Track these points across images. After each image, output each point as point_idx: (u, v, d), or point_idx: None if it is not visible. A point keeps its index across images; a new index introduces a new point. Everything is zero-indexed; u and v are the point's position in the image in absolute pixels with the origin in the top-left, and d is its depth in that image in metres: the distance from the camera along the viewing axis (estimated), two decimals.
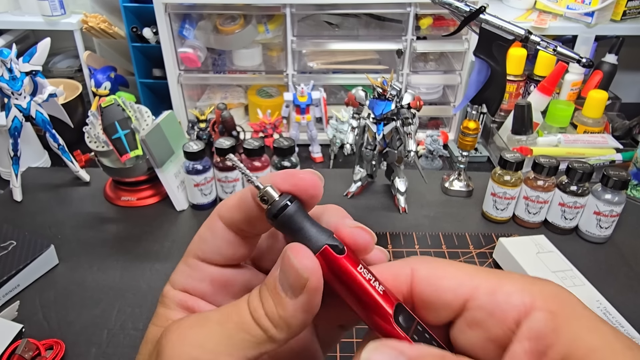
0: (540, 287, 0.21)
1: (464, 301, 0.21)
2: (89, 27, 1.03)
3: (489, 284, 0.21)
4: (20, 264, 0.57)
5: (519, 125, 0.89)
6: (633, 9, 1.02)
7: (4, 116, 0.70)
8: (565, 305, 0.20)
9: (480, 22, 0.61)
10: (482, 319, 0.21)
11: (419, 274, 0.23)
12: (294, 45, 0.93)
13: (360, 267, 0.22)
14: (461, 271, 0.22)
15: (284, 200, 0.21)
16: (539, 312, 0.20)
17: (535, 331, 0.20)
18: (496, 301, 0.21)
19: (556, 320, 0.20)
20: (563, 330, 0.19)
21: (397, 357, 0.20)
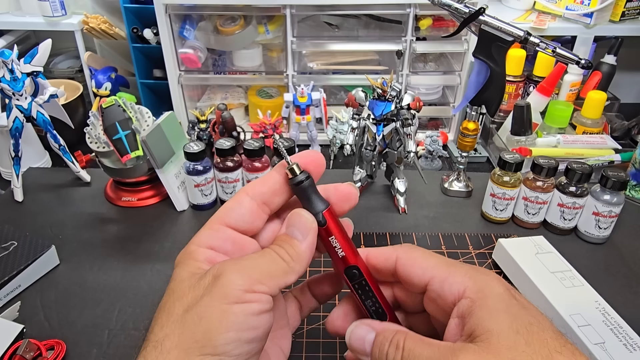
0: (475, 279, 0.30)
1: (425, 284, 0.32)
2: (89, 28, 1.03)
3: (442, 275, 0.31)
4: (21, 265, 0.57)
5: (518, 126, 0.89)
6: (632, 9, 1.03)
7: (5, 117, 0.70)
8: (485, 295, 0.29)
9: (479, 23, 0.62)
10: (434, 298, 0.31)
11: (400, 260, 0.33)
12: (294, 46, 0.94)
13: (331, 237, 0.33)
14: (428, 262, 0.32)
15: (303, 176, 0.32)
16: (464, 299, 0.29)
17: (460, 312, 0.29)
18: (442, 288, 0.31)
19: (472, 306, 0.29)
20: (474, 313, 0.28)
21: (369, 330, 0.32)
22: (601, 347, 0.45)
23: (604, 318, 0.49)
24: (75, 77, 1.14)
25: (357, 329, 0.33)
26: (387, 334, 0.31)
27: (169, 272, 0.60)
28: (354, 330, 0.33)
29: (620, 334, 0.47)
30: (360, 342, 0.32)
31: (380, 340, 0.31)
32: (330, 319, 0.36)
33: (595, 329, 0.47)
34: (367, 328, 0.32)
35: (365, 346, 0.32)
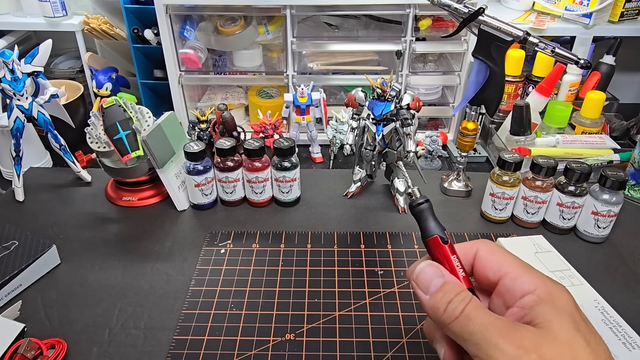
0: (546, 284, 0.32)
1: (498, 278, 0.34)
2: (90, 29, 1.03)
3: (516, 272, 0.33)
4: (23, 264, 0.57)
5: (518, 126, 0.89)
6: (631, 10, 1.03)
7: (6, 117, 0.70)
8: (553, 297, 0.31)
9: (479, 23, 0.62)
10: (503, 293, 0.33)
11: (479, 254, 0.36)
12: (294, 46, 0.94)
13: (454, 256, 0.35)
14: (505, 258, 0.34)
15: (422, 199, 0.36)
16: (531, 294, 0.31)
17: (523, 303, 0.31)
18: (513, 284, 0.33)
19: (537, 301, 0.31)
20: (538, 307, 0.30)
21: (439, 274, 0.34)
22: None
23: (603, 317, 0.49)
24: (76, 78, 1.14)
25: (428, 268, 0.34)
26: (457, 286, 0.32)
27: (169, 271, 0.61)
28: (425, 267, 0.34)
29: (619, 332, 0.47)
30: (426, 280, 0.33)
31: (449, 287, 0.32)
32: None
33: (595, 327, 0.47)
34: (438, 272, 0.34)
35: (431, 286, 0.33)
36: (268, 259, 0.63)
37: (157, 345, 0.50)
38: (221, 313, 0.54)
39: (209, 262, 0.62)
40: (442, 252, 0.35)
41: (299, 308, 0.55)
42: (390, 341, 0.51)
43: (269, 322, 0.53)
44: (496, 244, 0.36)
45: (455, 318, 0.30)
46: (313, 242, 0.66)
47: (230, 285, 0.58)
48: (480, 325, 0.29)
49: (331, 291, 0.57)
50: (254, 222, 0.70)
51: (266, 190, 0.72)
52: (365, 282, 0.59)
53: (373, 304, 0.55)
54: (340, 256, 0.63)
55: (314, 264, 0.62)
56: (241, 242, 0.66)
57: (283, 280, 0.59)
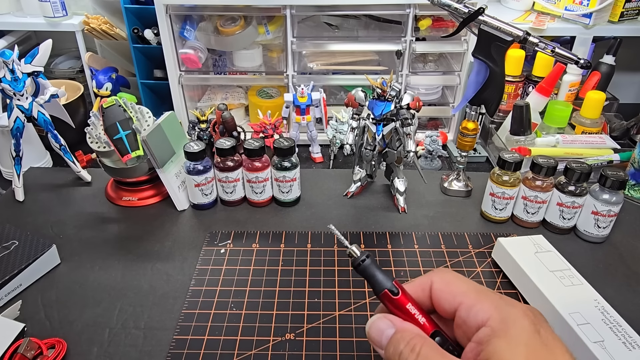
0: (500, 310, 0.31)
1: (454, 310, 0.33)
2: (90, 29, 1.03)
3: (469, 302, 0.32)
4: (22, 264, 0.57)
5: (518, 126, 0.89)
6: (631, 10, 1.03)
7: (6, 117, 0.70)
8: (507, 326, 0.30)
9: (479, 23, 0.62)
10: (460, 324, 0.33)
11: (433, 286, 0.35)
12: (294, 46, 0.94)
13: (408, 304, 0.34)
14: (459, 287, 0.33)
15: (362, 256, 0.36)
16: (485, 327, 0.31)
17: (478, 338, 0.31)
18: (468, 315, 0.32)
19: (491, 335, 0.30)
20: (492, 342, 0.29)
21: (389, 325, 0.33)
22: (600, 345, 0.45)
23: (603, 317, 0.49)
24: (76, 78, 1.14)
25: (378, 321, 0.34)
26: (406, 334, 0.32)
27: (169, 271, 0.61)
28: (375, 321, 0.34)
29: (619, 332, 0.47)
30: (378, 334, 0.33)
31: (397, 338, 0.32)
32: None
33: (595, 327, 0.47)
34: (388, 323, 0.33)
35: (382, 339, 0.33)
36: (268, 259, 0.63)
37: (157, 345, 0.50)
38: (221, 313, 0.54)
39: (209, 262, 0.62)
40: (395, 303, 0.34)
41: (299, 308, 0.55)
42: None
43: (269, 322, 0.53)
44: (451, 272, 0.35)
45: None
46: (313, 242, 0.66)
47: (230, 285, 0.58)
48: None
49: (331, 291, 0.57)
50: (254, 222, 0.70)
51: (266, 190, 0.72)
52: (365, 282, 0.59)
53: (373, 303, 0.55)
54: (340, 256, 0.63)
55: (314, 264, 0.62)
56: (241, 242, 0.66)
57: (283, 280, 0.59)
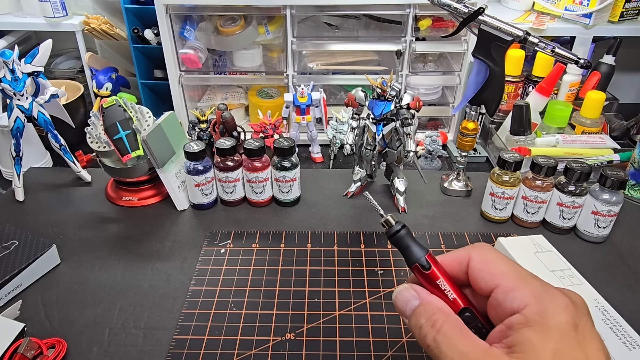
0: (540, 300, 0.29)
1: (490, 290, 0.32)
2: (90, 29, 1.03)
3: (508, 286, 0.31)
4: (23, 264, 0.57)
5: (518, 126, 0.89)
6: (631, 10, 1.03)
7: (6, 117, 0.70)
8: (543, 320, 0.29)
9: (479, 23, 0.62)
10: (495, 306, 0.31)
11: (471, 264, 0.34)
12: (294, 47, 0.94)
13: (439, 280, 0.33)
14: (498, 269, 0.32)
15: (398, 226, 0.35)
16: (520, 315, 0.29)
17: (510, 323, 0.30)
18: (504, 299, 0.31)
19: (523, 324, 0.29)
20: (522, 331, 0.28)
21: (415, 296, 0.33)
22: None
23: (603, 316, 0.49)
24: (76, 78, 1.14)
25: (405, 291, 0.34)
26: (429, 307, 0.31)
27: (169, 271, 0.61)
28: (402, 290, 0.34)
29: (619, 332, 0.47)
30: (403, 304, 0.33)
31: (419, 310, 0.31)
32: None
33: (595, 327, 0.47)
34: (414, 294, 0.33)
35: (407, 310, 0.32)
36: (268, 259, 0.63)
37: (157, 345, 0.50)
38: (221, 313, 0.54)
39: (209, 261, 0.62)
40: (426, 277, 0.34)
41: (299, 308, 0.55)
42: (390, 341, 0.51)
43: (269, 322, 0.53)
44: (491, 249, 0.34)
45: (428, 346, 0.30)
46: (313, 242, 0.66)
47: (230, 285, 0.58)
48: (452, 354, 0.28)
49: (331, 291, 0.57)
50: (254, 222, 0.70)
51: (266, 190, 0.72)
52: (365, 281, 0.59)
53: (373, 303, 0.55)
54: (340, 256, 0.63)
55: (314, 264, 0.62)
56: (241, 242, 0.66)
57: (283, 280, 0.59)
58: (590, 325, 0.30)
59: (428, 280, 0.34)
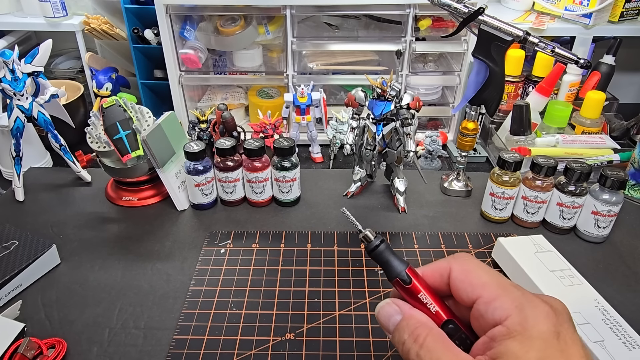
0: (521, 310, 0.29)
1: (472, 301, 0.32)
2: (90, 29, 1.03)
3: (489, 296, 0.31)
4: (22, 264, 0.57)
5: (518, 126, 0.89)
6: (630, 10, 1.03)
7: (6, 117, 0.70)
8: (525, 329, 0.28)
9: (478, 23, 0.62)
10: (477, 317, 0.31)
11: (452, 275, 0.33)
12: (294, 47, 0.94)
13: (421, 293, 0.33)
14: (479, 279, 0.32)
15: (377, 241, 0.35)
16: (502, 326, 0.29)
17: (493, 335, 0.29)
18: (486, 310, 0.30)
19: (506, 335, 0.29)
20: (505, 343, 0.28)
21: (397, 311, 0.33)
22: (600, 345, 0.45)
23: (603, 316, 0.49)
24: (76, 78, 1.14)
25: (387, 306, 0.33)
26: (411, 322, 0.31)
27: (169, 271, 0.61)
28: (384, 306, 0.34)
29: (619, 332, 0.47)
30: (386, 319, 0.33)
31: (402, 325, 0.31)
32: None
33: (595, 327, 0.47)
34: (396, 308, 0.33)
35: (390, 325, 0.32)
36: (268, 259, 0.63)
37: (157, 345, 0.50)
38: (221, 313, 0.54)
39: (209, 262, 0.62)
40: (407, 291, 0.34)
41: (299, 308, 0.55)
42: (390, 341, 0.51)
43: (269, 322, 0.53)
44: (471, 259, 0.34)
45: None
46: (313, 242, 0.66)
47: (230, 285, 0.58)
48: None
49: (331, 291, 0.57)
50: (254, 222, 0.70)
51: (266, 190, 0.72)
52: (365, 282, 0.59)
53: (373, 303, 0.55)
54: (340, 256, 0.63)
55: (314, 264, 0.62)
56: (241, 242, 0.66)
57: (283, 280, 0.59)
58: (572, 331, 0.29)
59: (410, 294, 0.34)
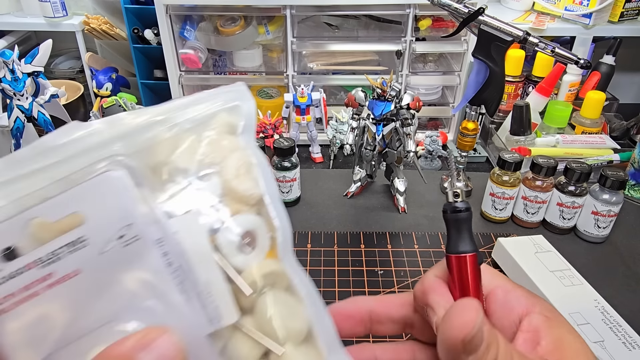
0: (540, 300, 0.27)
1: (487, 293, 0.28)
2: (90, 29, 1.03)
3: (506, 287, 0.27)
4: None
5: (518, 126, 0.89)
6: (630, 10, 1.03)
7: (6, 117, 0.70)
8: (556, 315, 0.26)
9: (479, 23, 0.62)
10: (496, 309, 0.27)
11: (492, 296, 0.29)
12: (294, 47, 0.94)
13: (472, 283, 0.28)
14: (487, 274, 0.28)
15: (465, 205, 0.29)
16: (537, 314, 0.26)
17: (532, 326, 0.26)
18: (508, 298, 0.27)
19: (549, 322, 0.26)
20: (554, 330, 0.25)
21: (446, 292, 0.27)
22: (600, 345, 0.45)
23: (603, 317, 0.49)
24: (76, 78, 1.14)
25: (439, 286, 0.28)
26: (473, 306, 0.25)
27: None
28: (434, 284, 0.28)
29: (619, 332, 0.47)
30: (437, 301, 0.27)
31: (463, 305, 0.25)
32: None
33: (595, 327, 0.47)
34: (446, 291, 0.28)
35: (439, 309, 0.27)
36: None
37: None
38: None
39: None
40: (472, 273, 0.28)
41: None
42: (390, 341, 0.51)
43: None
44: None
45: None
46: (313, 242, 0.66)
47: None
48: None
49: (331, 291, 0.57)
50: None
51: None
52: (365, 282, 0.59)
53: None
54: (340, 256, 0.63)
55: (314, 264, 0.62)
56: None
57: None
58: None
59: (472, 276, 0.28)
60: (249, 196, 0.23)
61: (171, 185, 0.22)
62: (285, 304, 0.23)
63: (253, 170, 0.24)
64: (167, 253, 0.21)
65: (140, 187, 0.21)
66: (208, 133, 0.24)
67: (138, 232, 0.20)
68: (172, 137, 0.23)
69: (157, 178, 0.22)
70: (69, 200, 0.20)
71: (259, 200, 0.23)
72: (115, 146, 0.21)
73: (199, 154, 0.23)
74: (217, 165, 0.23)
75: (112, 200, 0.20)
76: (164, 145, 0.23)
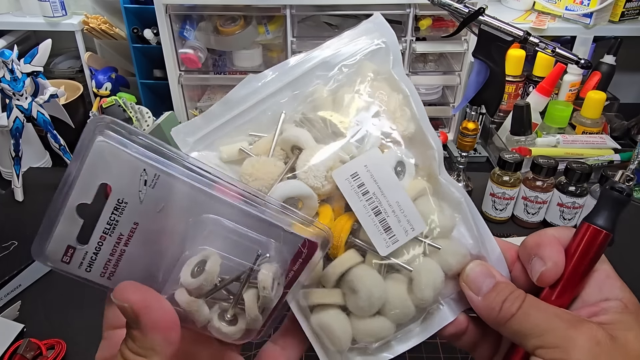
0: (630, 295, 0.29)
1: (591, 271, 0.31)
2: (90, 28, 1.03)
3: (608, 272, 0.31)
4: (22, 264, 0.57)
5: (518, 126, 0.89)
6: (631, 10, 1.03)
7: (5, 117, 0.70)
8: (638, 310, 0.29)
9: (479, 23, 0.62)
10: (590, 286, 0.31)
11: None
12: (294, 46, 0.94)
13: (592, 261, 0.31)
14: None
15: (629, 191, 0.31)
16: (618, 301, 0.29)
17: (607, 306, 0.29)
18: (605, 282, 0.30)
19: (622, 308, 0.28)
20: (625, 316, 0.28)
21: (490, 274, 0.31)
22: None
23: None
24: (76, 77, 1.14)
25: (481, 267, 0.32)
26: (510, 286, 0.30)
27: None
28: (475, 268, 0.31)
29: None
30: (477, 281, 0.31)
31: (501, 287, 0.30)
32: None
33: None
34: (489, 272, 0.31)
35: (483, 287, 0.31)
36: None
37: None
38: None
39: None
40: (598, 248, 0.30)
41: None
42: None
43: None
44: None
45: (512, 315, 0.29)
46: None
47: None
48: (545, 317, 0.28)
49: None
50: None
51: None
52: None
53: None
54: None
55: None
56: None
57: None
58: None
59: (594, 250, 0.30)
60: (406, 136, 0.31)
61: (350, 129, 0.30)
62: (439, 207, 0.31)
63: (407, 103, 0.31)
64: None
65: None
66: (362, 79, 0.32)
67: (156, 172, 0.25)
68: (332, 91, 0.32)
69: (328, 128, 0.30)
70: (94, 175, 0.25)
71: (411, 133, 0.31)
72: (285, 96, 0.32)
73: (362, 101, 0.31)
74: (382, 106, 0.31)
75: (116, 162, 0.24)
76: (328, 100, 0.31)
